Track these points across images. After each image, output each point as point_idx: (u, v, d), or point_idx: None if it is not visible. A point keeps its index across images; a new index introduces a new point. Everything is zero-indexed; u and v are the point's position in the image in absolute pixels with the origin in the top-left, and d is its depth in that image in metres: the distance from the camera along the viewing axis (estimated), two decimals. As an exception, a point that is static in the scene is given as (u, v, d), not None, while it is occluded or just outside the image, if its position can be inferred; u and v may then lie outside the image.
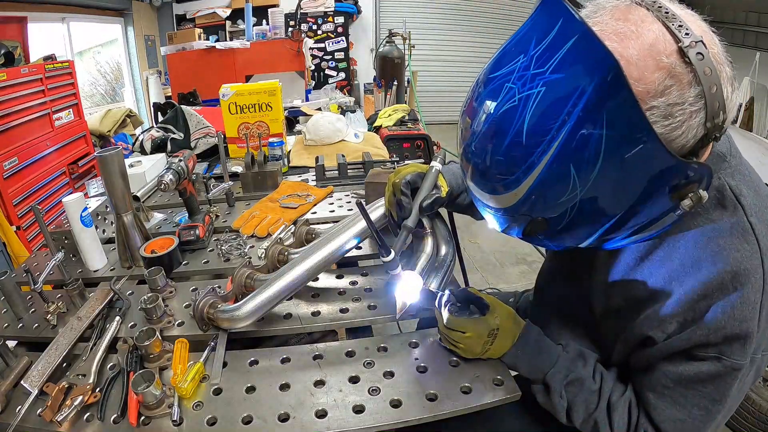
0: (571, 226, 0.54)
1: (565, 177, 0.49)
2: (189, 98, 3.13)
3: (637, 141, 0.46)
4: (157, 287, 0.96)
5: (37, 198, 2.54)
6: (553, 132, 0.47)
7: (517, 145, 0.50)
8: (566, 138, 0.47)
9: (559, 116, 0.47)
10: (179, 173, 1.12)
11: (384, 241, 0.74)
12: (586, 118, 0.45)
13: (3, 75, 2.32)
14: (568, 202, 0.51)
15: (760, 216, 0.58)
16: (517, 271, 2.83)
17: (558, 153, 0.48)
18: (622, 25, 0.49)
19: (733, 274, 0.56)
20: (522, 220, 0.56)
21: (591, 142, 0.46)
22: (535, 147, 0.49)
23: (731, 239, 0.57)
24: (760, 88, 3.65)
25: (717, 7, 4.09)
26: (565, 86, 0.46)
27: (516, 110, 0.49)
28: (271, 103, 1.81)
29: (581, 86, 0.45)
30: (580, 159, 0.47)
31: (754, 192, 0.60)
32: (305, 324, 0.88)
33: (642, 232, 0.55)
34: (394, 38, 4.24)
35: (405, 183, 0.86)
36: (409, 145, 2.58)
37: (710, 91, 0.47)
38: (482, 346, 0.72)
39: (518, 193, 0.52)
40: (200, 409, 0.70)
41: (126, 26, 4.56)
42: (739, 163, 0.62)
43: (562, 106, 0.46)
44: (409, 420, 0.67)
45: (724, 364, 0.57)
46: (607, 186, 0.49)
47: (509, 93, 0.50)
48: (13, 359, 0.79)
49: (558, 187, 0.50)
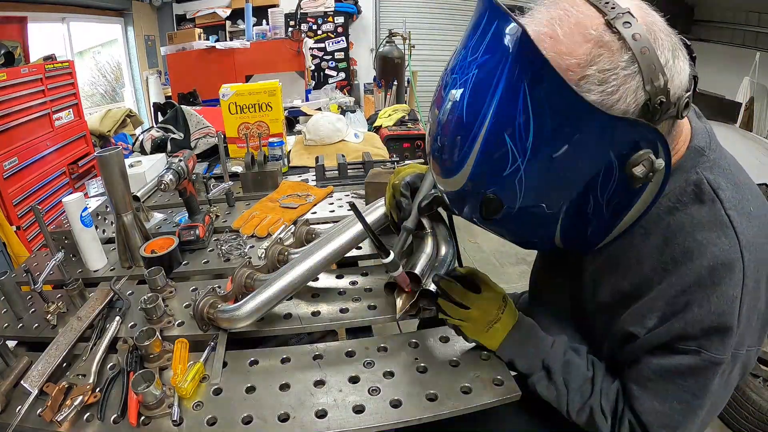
0: (527, 209, 0.55)
1: (502, 146, 0.51)
2: (189, 98, 3.13)
3: (560, 100, 0.48)
4: (157, 287, 0.96)
5: (37, 198, 2.54)
6: (485, 106, 0.51)
7: (460, 126, 0.54)
8: (496, 108, 0.50)
9: (489, 90, 0.50)
10: (179, 173, 1.12)
11: (381, 243, 0.74)
12: (509, 86, 0.49)
13: (3, 75, 2.32)
14: (512, 174, 0.52)
15: (740, 209, 0.58)
16: (517, 271, 2.83)
17: (492, 124, 0.51)
18: (552, 11, 0.53)
19: (711, 269, 0.56)
20: (475, 199, 0.57)
21: (518, 109, 0.49)
22: (474, 123, 0.52)
23: (709, 233, 0.57)
24: (760, 88, 3.64)
25: (717, 7, 4.09)
26: (492, 63, 0.50)
27: (459, 96, 0.54)
28: (271, 103, 1.81)
29: (503, 59, 0.49)
30: (512, 126, 0.50)
31: (733, 185, 0.60)
32: (305, 324, 0.88)
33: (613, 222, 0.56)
34: (394, 38, 4.24)
35: (404, 184, 0.86)
36: (409, 145, 2.58)
37: (642, 54, 0.48)
38: (497, 309, 0.73)
39: (466, 171, 0.56)
40: (200, 409, 0.70)
41: (126, 26, 4.55)
42: (719, 156, 0.62)
43: (490, 81, 0.50)
44: (409, 420, 0.67)
45: (704, 357, 0.58)
46: (547, 153, 0.50)
47: (454, 83, 0.55)
48: (13, 359, 0.79)
49: (498, 157, 0.52)
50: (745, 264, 0.56)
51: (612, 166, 0.51)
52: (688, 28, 4.33)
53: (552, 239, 0.61)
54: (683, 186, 0.61)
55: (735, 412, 1.64)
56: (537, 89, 0.48)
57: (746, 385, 1.61)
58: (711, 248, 0.57)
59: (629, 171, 0.51)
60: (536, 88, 0.48)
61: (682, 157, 0.61)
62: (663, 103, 0.49)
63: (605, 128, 0.49)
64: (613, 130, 0.49)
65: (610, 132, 0.49)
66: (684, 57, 0.53)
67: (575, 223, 0.58)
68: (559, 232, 0.59)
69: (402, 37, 4.25)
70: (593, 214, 0.56)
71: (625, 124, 0.49)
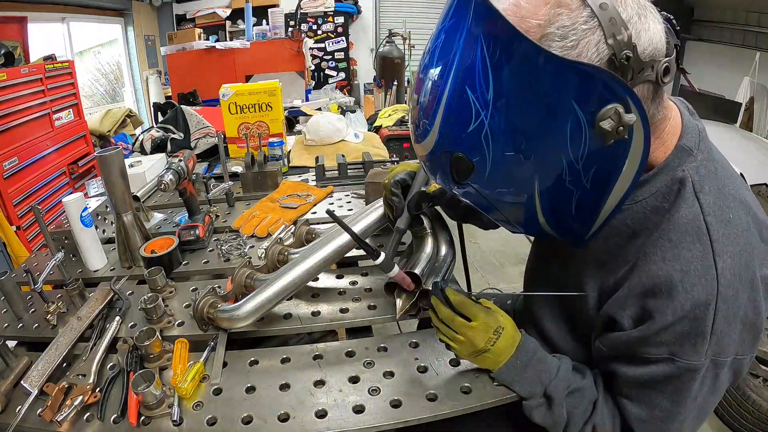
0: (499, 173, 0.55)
1: (464, 101, 0.52)
2: (189, 98, 3.14)
3: (516, 49, 0.49)
4: (157, 287, 0.96)
5: (37, 198, 2.54)
6: (449, 64, 0.53)
7: (429, 89, 0.56)
8: (457, 65, 0.52)
9: (451, 50, 0.53)
10: (179, 173, 1.12)
11: (369, 245, 0.73)
12: (468, 40, 0.51)
13: (3, 75, 2.32)
14: (478, 130, 0.53)
15: (719, 216, 0.57)
16: (517, 271, 2.82)
17: (453, 81, 0.52)
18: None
19: (683, 274, 0.56)
20: (445, 159, 0.57)
21: (476, 62, 0.50)
22: (440, 83, 0.54)
23: (684, 236, 0.57)
24: (760, 88, 3.64)
25: (717, 7, 4.09)
26: (454, 26, 0.53)
27: (429, 63, 0.56)
28: (271, 103, 1.81)
29: (463, 19, 0.51)
30: (472, 80, 0.51)
31: (717, 190, 0.59)
32: (305, 324, 0.88)
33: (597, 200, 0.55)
34: (394, 38, 4.24)
35: (394, 183, 0.86)
36: (409, 145, 2.58)
37: (601, 9, 0.49)
38: (485, 342, 0.68)
39: (434, 131, 0.56)
40: (200, 409, 0.70)
41: (126, 26, 4.56)
42: (708, 158, 0.61)
43: (452, 41, 0.53)
44: (409, 420, 0.67)
45: (678, 365, 0.57)
46: (508, 105, 0.51)
47: (428, 55, 0.57)
48: (13, 359, 0.79)
49: (462, 113, 0.53)
50: (719, 272, 0.55)
51: (579, 121, 0.50)
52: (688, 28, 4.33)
53: (535, 216, 0.59)
54: (669, 184, 0.60)
55: (735, 412, 1.64)
56: (492, 40, 0.49)
57: (746, 385, 1.61)
58: (684, 252, 0.57)
59: (597, 127, 0.49)
60: (492, 40, 0.49)
61: (669, 155, 0.60)
62: (630, 58, 0.49)
63: (564, 76, 0.49)
64: (573, 78, 0.49)
65: (571, 80, 0.49)
66: (656, 20, 0.52)
67: (556, 195, 0.56)
68: (539, 205, 0.58)
69: (402, 37, 4.25)
70: (572, 183, 0.54)
71: (584, 71, 0.48)
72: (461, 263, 0.92)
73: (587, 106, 0.49)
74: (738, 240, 0.57)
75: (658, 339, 0.58)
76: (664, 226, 0.59)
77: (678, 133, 0.61)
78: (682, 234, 0.57)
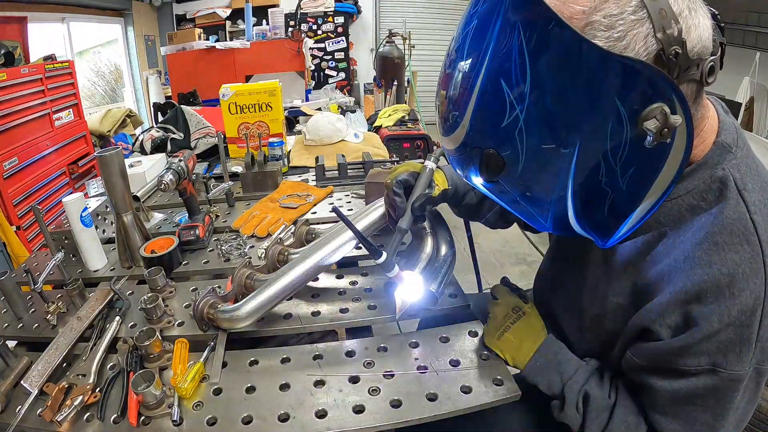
0: (532, 170, 0.52)
1: (498, 95, 0.49)
2: (189, 98, 3.14)
3: (556, 40, 0.45)
4: (157, 287, 0.96)
5: (37, 198, 2.54)
6: (482, 54, 0.50)
7: (460, 79, 0.53)
8: (492, 55, 0.49)
9: (485, 38, 0.49)
10: (179, 173, 1.12)
11: (371, 244, 0.73)
12: (504, 29, 0.48)
13: (3, 75, 2.32)
14: (512, 126, 0.50)
15: (765, 214, 0.53)
16: (517, 271, 2.83)
17: (487, 72, 0.49)
18: None
19: (731, 278, 0.52)
20: (475, 155, 0.55)
21: (513, 51, 0.47)
22: (472, 73, 0.51)
23: (730, 237, 0.53)
24: (760, 88, 3.63)
25: (717, 7, 4.08)
26: (489, 11, 0.49)
27: (460, 50, 0.53)
28: (271, 103, 1.81)
29: (499, 3, 0.48)
30: (508, 72, 0.48)
31: (761, 187, 0.55)
32: (305, 324, 0.88)
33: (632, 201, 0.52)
34: (394, 38, 4.24)
35: (397, 183, 0.85)
36: (409, 145, 2.58)
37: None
38: (504, 318, 0.76)
39: (465, 124, 0.54)
40: (200, 409, 0.70)
41: (126, 26, 4.56)
42: (747, 155, 0.58)
43: (486, 28, 0.49)
44: (409, 420, 0.67)
45: (721, 376, 0.54)
46: (546, 101, 0.47)
47: (457, 41, 0.54)
48: (13, 359, 0.79)
49: (495, 106, 0.50)
50: (767, 275, 0.51)
51: (621, 119, 0.46)
52: (688, 28, 4.32)
53: (566, 215, 0.56)
54: (708, 182, 0.56)
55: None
56: (531, 28, 0.46)
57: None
58: (731, 255, 0.52)
59: (641, 127, 0.46)
60: (530, 27, 0.46)
61: (708, 151, 0.56)
62: (679, 55, 0.45)
63: (608, 70, 0.45)
64: (617, 74, 0.45)
65: (615, 76, 0.45)
66: (705, 14, 0.49)
67: (589, 194, 0.53)
68: (571, 205, 0.54)
69: (402, 37, 4.25)
70: (608, 184, 0.51)
71: (631, 66, 0.45)
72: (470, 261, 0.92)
73: (631, 105, 0.46)
74: None
75: (700, 348, 0.54)
76: (709, 229, 0.54)
77: (716, 129, 0.58)
78: (729, 235, 0.53)
